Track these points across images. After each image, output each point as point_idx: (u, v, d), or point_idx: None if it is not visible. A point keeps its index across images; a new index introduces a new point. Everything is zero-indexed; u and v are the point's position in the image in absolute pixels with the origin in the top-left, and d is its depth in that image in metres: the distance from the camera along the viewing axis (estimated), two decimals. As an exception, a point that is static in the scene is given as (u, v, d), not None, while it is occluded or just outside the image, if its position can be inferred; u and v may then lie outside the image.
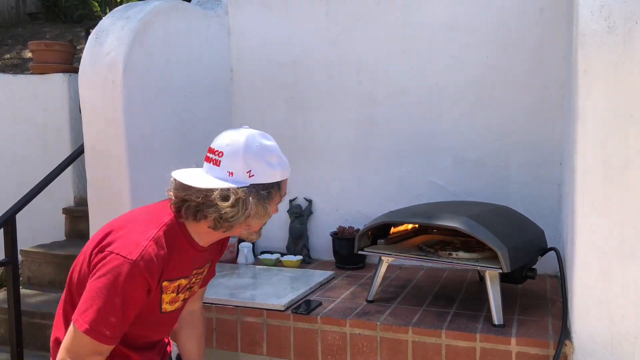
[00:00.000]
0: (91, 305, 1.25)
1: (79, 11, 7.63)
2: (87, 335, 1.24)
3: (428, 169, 2.65)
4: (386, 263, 2.10)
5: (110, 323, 1.25)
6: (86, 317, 1.24)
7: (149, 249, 1.30)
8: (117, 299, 1.25)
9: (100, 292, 1.25)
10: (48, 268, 3.38)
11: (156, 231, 1.34)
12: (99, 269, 1.28)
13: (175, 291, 1.42)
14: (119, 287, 1.25)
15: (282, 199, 1.44)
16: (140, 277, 1.27)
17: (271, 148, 1.38)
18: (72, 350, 1.26)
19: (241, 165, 1.33)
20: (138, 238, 1.31)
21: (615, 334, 1.60)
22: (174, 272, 1.39)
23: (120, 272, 1.25)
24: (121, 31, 2.26)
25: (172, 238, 1.36)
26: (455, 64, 2.57)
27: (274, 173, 1.37)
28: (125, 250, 1.28)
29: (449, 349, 1.80)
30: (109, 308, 1.25)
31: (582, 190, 1.60)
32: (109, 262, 1.27)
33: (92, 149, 2.29)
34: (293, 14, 2.84)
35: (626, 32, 1.52)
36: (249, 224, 1.39)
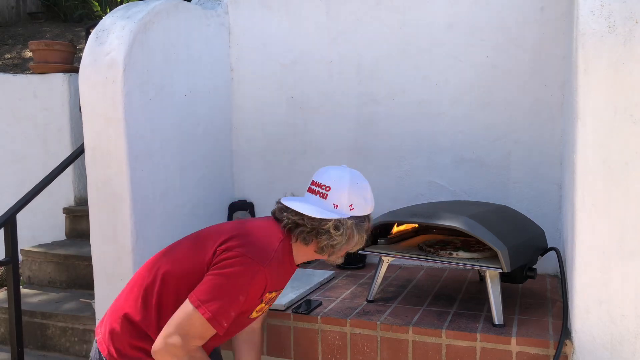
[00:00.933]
0: (218, 296, 1.38)
1: (79, 11, 7.63)
2: (209, 322, 1.37)
3: (428, 169, 2.65)
4: (386, 263, 2.10)
5: (230, 316, 1.40)
6: (211, 306, 1.37)
7: (275, 259, 1.46)
8: (242, 297, 1.40)
9: (229, 287, 1.39)
10: (48, 267, 3.39)
11: (278, 245, 1.50)
12: (229, 266, 1.40)
13: (266, 302, 1.56)
14: (246, 287, 1.40)
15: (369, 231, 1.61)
16: (264, 281, 1.43)
17: (367, 187, 1.58)
18: (184, 328, 1.38)
19: (346, 199, 1.52)
20: (267, 247, 1.46)
21: (616, 333, 1.60)
22: (275, 284, 1.52)
23: (253, 275, 1.40)
24: (121, 31, 2.26)
25: (284, 254, 1.52)
26: (455, 63, 2.57)
27: (367, 207, 1.57)
28: (257, 256, 1.42)
29: (449, 348, 1.80)
30: (234, 303, 1.39)
31: (582, 189, 1.60)
32: (242, 263, 1.40)
33: (93, 149, 2.30)
34: (293, 13, 2.84)
35: (626, 32, 1.52)
36: (340, 250, 1.56)
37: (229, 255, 1.42)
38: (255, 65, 2.93)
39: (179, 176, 2.55)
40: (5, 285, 3.52)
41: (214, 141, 2.81)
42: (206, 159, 2.72)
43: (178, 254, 1.54)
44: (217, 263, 1.43)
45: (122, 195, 2.26)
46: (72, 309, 2.97)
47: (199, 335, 1.40)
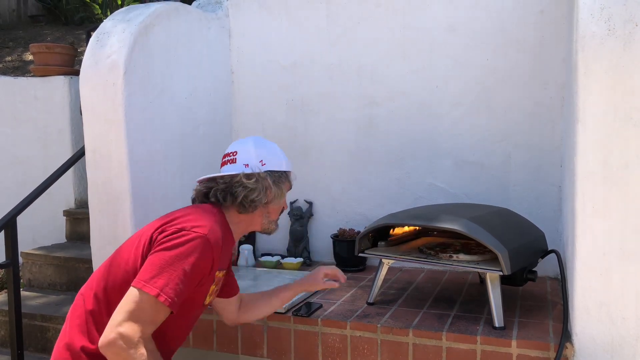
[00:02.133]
0: (161, 272, 1.31)
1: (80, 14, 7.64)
2: (157, 298, 1.29)
3: (428, 171, 2.65)
4: (387, 265, 2.10)
5: (179, 290, 1.32)
6: (156, 283, 1.30)
7: (215, 230, 1.42)
8: (188, 268, 1.33)
9: (170, 261, 1.32)
10: (49, 270, 3.39)
11: (215, 217, 1.47)
12: (167, 242, 1.35)
13: (217, 283, 1.54)
14: (190, 258, 1.34)
15: (290, 189, 1.67)
16: (209, 252, 1.37)
17: (274, 145, 1.66)
18: (134, 313, 1.29)
19: (254, 156, 1.58)
20: (204, 220, 1.42)
21: (616, 336, 1.60)
22: (223, 262, 1.50)
23: (193, 245, 1.35)
24: (122, 34, 2.26)
25: (224, 225, 1.51)
26: (455, 66, 2.58)
27: (280, 162, 1.62)
28: (195, 227, 1.38)
29: (450, 351, 1.80)
30: (180, 276, 1.32)
31: (582, 192, 1.60)
32: (180, 237, 1.36)
33: (93, 151, 2.30)
34: (293, 16, 2.85)
35: (626, 35, 1.52)
36: (268, 210, 1.61)
37: (166, 234, 1.37)
38: (255, 68, 2.94)
39: (179, 178, 2.55)
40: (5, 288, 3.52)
41: (214, 143, 2.81)
42: (207, 161, 2.72)
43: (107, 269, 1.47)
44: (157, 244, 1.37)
45: (122, 197, 2.26)
46: (72, 312, 2.96)
47: (150, 320, 1.31)
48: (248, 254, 2.71)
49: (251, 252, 2.73)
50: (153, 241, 1.39)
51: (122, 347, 1.26)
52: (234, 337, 2.07)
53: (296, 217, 2.81)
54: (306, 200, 2.87)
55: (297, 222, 2.81)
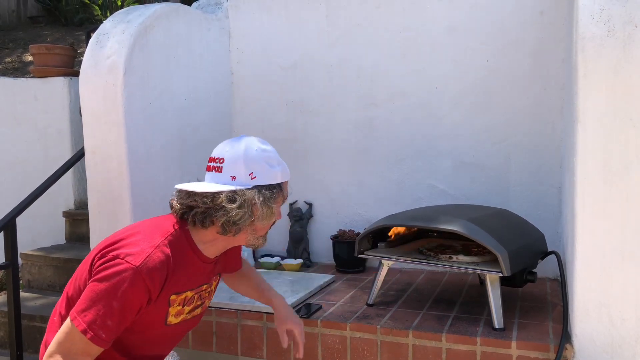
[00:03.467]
0: (91, 306, 1.26)
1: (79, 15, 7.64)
2: (84, 335, 1.24)
3: (428, 172, 2.65)
4: (386, 266, 2.10)
5: (107, 326, 1.25)
6: (85, 317, 1.25)
7: (153, 257, 1.30)
8: (116, 303, 1.25)
9: (101, 294, 1.26)
10: (48, 271, 3.38)
11: (162, 240, 1.35)
12: (102, 272, 1.28)
13: (181, 304, 1.42)
14: (119, 292, 1.25)
15: (285, 201, 1.47)
16: (142, 283, 1.27)
17: (270, 151, 1.43)
18: (64, 345, 1.26)
19: (243, 168, 1.37)
20: (143, 245, 1.31)
21: (616, 337, 1.60)
22: (179, 285, 1.38)
23: (123, 278, 1.26)
24: (122, 35, 2.26)
25: (177, 247, 1.37)
26: (455, 67, 2.58)
27: (275, 174, 1.41)
28: (129, 256, 1.28)
29: (450, 352, 1.80)
30: (108, 312, 1.25)
31: (582, 193, 1.60)
32: (112, 267, 1.27)
33: (93, 152, 2.30)
34: (293, 17, 2.85)
35: (626, 36, 1.52)
36: (255, 228, 1.41)
37: (102, 262, 1.30)
38: (255, 69, 2.94)
39: (179, 179, 2.55)
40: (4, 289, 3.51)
41: (214, 144, 2.78)
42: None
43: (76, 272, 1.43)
44: (94, 271, 1.31)
45: (122, 198, 2.26)
46: (72, 313, 2.96)
47: (81, 352, 1.26)
48: (247, 255, 2.71)
49: (251, 254, 2.73)
50: (93, 266, 1.33)
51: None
52: (233, 339, 2.07)
53: (296, 219, 2.81)
54: (306, 202, 2.87)
55: (297, 224, 2.81)
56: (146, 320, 1.36)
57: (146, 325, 1.38)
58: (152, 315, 1.36)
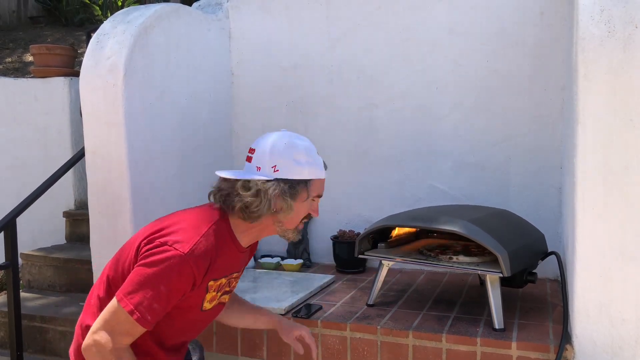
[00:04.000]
0: (138, 289, 1.32)
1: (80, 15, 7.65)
2: (131, 315, 1.30)
3: (428, 173, 2.65)
4: (386, 267, 2.10)
5: (153, 309, 1.32)
6: (132, 299, 1.31)
7: (200, 245, 1.36)
8: (164, 288, 1.32)
9: (148, 278, 1.32)
10: (48, 271, 3.38)
11: (207, 228, 1.41)
12: (149, 257, 1.34)
13: (216, 290, 1.49)
14: (167, 278, 1.32)
15: (316, 199, 1.51)
16: (189, 270, 1.33)
17: (300, 146, 1.47)
18: (110, 324, 1.32)
19: (268, 160, 1.44)
20: (190, 233, 1.38)
21: (616, 337, 1.59)
22: (218, 272, 1.45)
23: (171, 264, 1.32)
24: (122, 35, 2.26)
25: (220, 236, 1.43)
26: (455, 68, 2.58)
27: (299, 170, 1.45)
28: (177, 243, 1.34)
29: (450, 353, 1.80)
30: (155, 295, 1.31)
31: (582, 194, 1.60)
32: (161, 253, 1.33)
33: (93, 153, 2.30)
34: (293, 18, 2.85)
35: (626, 37, 1.52)
36: (279, 220, 1.47)
37: (149, 247, 1.36)
38: (255, 70, 2.94)
39: (179, 180, 2.55)
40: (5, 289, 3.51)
41: (214, 145, 2.81)
42: (206, 163, 2.72)
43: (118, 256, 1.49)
44: (141, 256, 1.37)
45: (122, 199, 2.26)
46: (72, 313, 2.96)
47: (125, 332, 1.32)
48: (248, 255, 2.70)
49: (251, 254, 2.72)
50: (139, 251, 1.39)
51: (95, 354, 1.32)
52: (233, 339, 2.07)
53: (296, 219, 2.81)
54: (306, 202, 2.87)
55: (297, 224, 2.81)
56: (185, 305, 1.42)
57: (184, 310, 1.43)
58: (190, 301, 1.42)
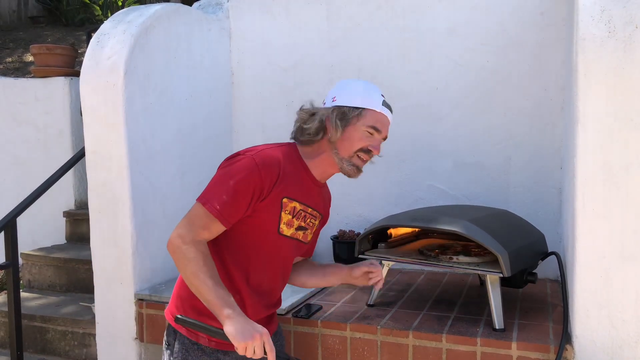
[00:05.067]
0: (212, 187, 1.49)
1: (80, 15, 7.65)
2: (203, 205, 1.46)
3: (428, 173, 2.65)
4: (387, 267, 2.10)
5: (222, 200, 1.45)
6: (206, 195, 1.48)
7: (266, 151, 1.52)
8: (232, 182, 1.46)
9: (220, 177, 1.49)
10: (48, 271, 3.38)
11: (275, 146, 1.58)
12: (223, 165, 1.51)
13: (291, 213, 1.57)
14: (235, 173, 1.47)
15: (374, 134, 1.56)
16: (256, 168, 1.47)
17: (360, 82, 1.61)
18: (189, 218, 1.48)
19: (331, 94, 1.60)
20: (262, 146, 1.56)
21: (616, 338, 1.59)
22: (290, 190, 1.54)
23: (240, 163, 1.48)
24: (122, 35, 2.26)
25: (288, 155, 1.57)
26: (455, 67, 2.58)
27: (354, 98, 1.56)
28: (248, 152, 1.51)
29: (450, 353, 1.80)
30: (224, 188, 1.46)
31: (582, 194, 1.60)
32: (233, 159, 1.51)
33: (93, 152, 2.30)
34: (294, 18, 2.85)
35: (626, 37, 1.52)
36: (335, 147, 1.56)
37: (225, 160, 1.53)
38: (255, 70, 2.94)
39: (179, 180, 2.55)
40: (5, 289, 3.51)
41: (214, 145, 2.81)
42: (207, 162, 2.73)
43: None
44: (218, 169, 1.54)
45: (122, 198, 2.26)
46: (72, 313, 2.97)
47: (202, 225, 1.46)
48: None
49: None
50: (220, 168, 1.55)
51: (177, 244, 1.45)
52: (233, 339, 2.06)
53: (296, 219, 2.81)
54: (306, 202, 2.87)
55: (297, 224, 2.81)
56: (263, 220, 1.52)
57: (263, 229, 1.53)
58: (267, 216, 1.52)
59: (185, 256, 1.44)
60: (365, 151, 1.57)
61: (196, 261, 1.43)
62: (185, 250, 1.44)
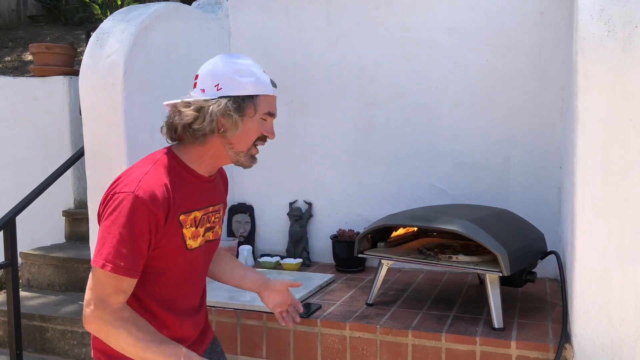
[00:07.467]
0: (103, 243, 1.30)
1: (79, 14, 7.64)
2: (104, 269, 1.28)
3: (428, 172, 2.65)
4: (386, 266, 2.10)
5: (123, 254, 1.29)
6: (101, 255, 1.29)
7: (145, 180, 1.34)
8: (124, 230, 1.29)
9: (108, 229, 1.30)
10: (47, 270, 3.38)
11: (151, 166, 1.39)
12: (105, 212, 1.33)
13: (193, 224, 1.45)
14: (123, 219, 1.29)
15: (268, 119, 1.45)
16: (143, 206, 1.30)
17: (242, 63, 1.42)
18: (96, 290, 1.31)
19: (210, 81, 1.40)
20: (135, 175, 1.36)
21: (615, 337, 1.60)
22: (185, 204, 1.41)
23: (123, 206, 1.30)
24: (122, 34, 2.26)
25: (169, 169, 1.40)
26: (455, 67, 2.58)
27: (243, 85, 1.40)
28: (125, 187, 1.32)
29: (449, 352, 1.80)
30: (118, 240, 1.29)
31: (581, 193, 1.60)
32: (112, 202, 1.32)
33: (92, 152, 2.30)
34: (293, 17, 2.85)
35: (626, 36, 1.52)
36: (229, 142, 1.42)
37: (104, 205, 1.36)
38: (255, 69, 2.93)
39: (178, 179, 2.54)
40: (4, 288, 3.51)
41: (213, 144, 2.81)
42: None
43: None
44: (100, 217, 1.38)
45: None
46: (71, 312, 2.97)
47: (113, 290, 1.30)
48: (247, 254, 2.70)
49: (250, 253, 2.72)
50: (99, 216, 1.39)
51: (97, 324, 1.30)
52: (232, 338, 2.07)
53: (296, 218, 2.81)
54: (305, 201, 2.87)
55: (297, 223, 2.81)
56: (168, 247, 1.39)
57: (170, 254, 1.41)
58: (170, 241, 1.39)
59: (114, 333, 1.29)
60: (262, 139, 1.46)
61: (128, 332, 1.29)
62: (110, 327, 1.29)
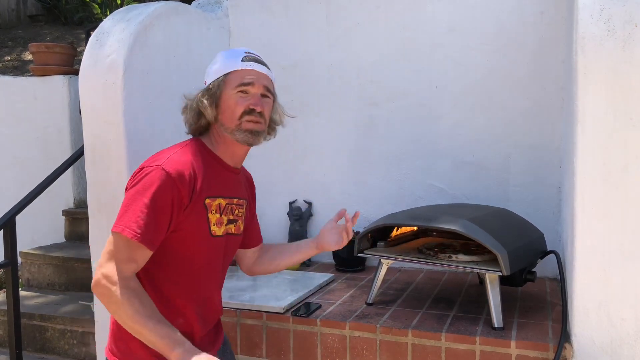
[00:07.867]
0: (125, 211, 1.35)
1: (79, 13, 7.64)
2: (122, 233, 1.32)
3: (428, 172, 2.65)
4: (386, 266, 2.10)
5: (143, 223, 1.32)
6: (121, 221, 1.34)
7: (173, 156, 1.40)
8: (147, 200, 1.33)
9: (132, 198, 1.35)
10: (47, 270, 3.38)
11: (179, 148, 1.46)
12: (131, 184, 1.39)
13: (217, 211, 1.49)
14: (148, 190, 1.34)
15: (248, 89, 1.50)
16: (169, 180, 1.35)
17: (218, 55, 1.56)
18: (110, 253, 1.35)
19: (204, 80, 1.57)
20: (166, 152, 1.44)
21: (615, 336, 1.60)
22: (211, 188, 1.46)
23: (150, 177, 1.35)
24: (121, 33, 2.26)
25: (195, 152, 1.47)
26: (454, 66, 2.58)
27: (215, 71, 1.52)
28: (152, 163, 1.39)
29: (449, 351, 1.80)
30: (141, 209, 1.33)
31: (581, 193, 1.60)
32: (140, 174, 1.38)
33: (92, 151, 2.30)
34: (293, 17, 2.85)
35: (626, 36, 1.52)
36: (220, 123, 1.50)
37: (131, 178, 1.42)
38: (255, 68, 2.93)
39: (178, 179, 2.54)
40: (4, 288, 3.51)
41: (213, 144, 2.81)
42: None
43: None
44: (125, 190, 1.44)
45: (121, 197, 2.25)
46: (71, 312, 2.97)
47: (127, 258, 1.33)
48: (247, 254, 2.70)
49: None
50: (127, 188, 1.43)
51: (105, 286, 1.32)
52: (232, 337, 2.07)
53: (295, 218, 2.81)
54: (305, 201, 2.87)
55: (297, 222, 2.81)
56: (192, 229, 1.42)
57: (194, 238, 1.44)
58: (195, 224, 1.43)
59: (117, 299, 1.30)
60: (248, 112, 1.48)
61: (130, 303, 1.30)
62: (115, 292, 1.30)
